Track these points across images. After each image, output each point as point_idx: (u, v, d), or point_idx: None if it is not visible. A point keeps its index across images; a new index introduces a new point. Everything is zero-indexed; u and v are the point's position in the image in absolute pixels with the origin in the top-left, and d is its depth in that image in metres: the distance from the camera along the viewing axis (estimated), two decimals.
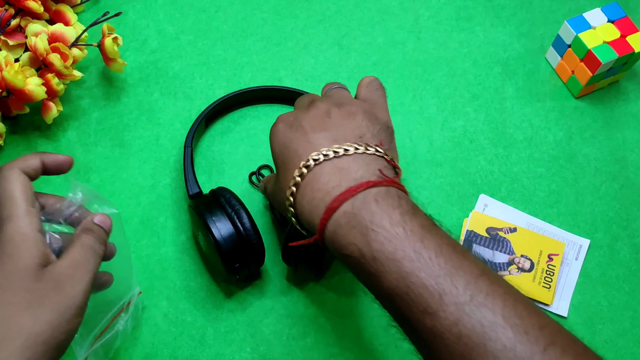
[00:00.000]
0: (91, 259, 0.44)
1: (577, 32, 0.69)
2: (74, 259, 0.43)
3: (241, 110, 0.70)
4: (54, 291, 0.41)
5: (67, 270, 0.42)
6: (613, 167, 0.69)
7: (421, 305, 0.37)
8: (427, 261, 0.38)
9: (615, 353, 0.60)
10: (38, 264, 0.41)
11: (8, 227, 0.42)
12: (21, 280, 0.40)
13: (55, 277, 0.41)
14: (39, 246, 0.42)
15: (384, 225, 0.39)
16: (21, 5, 0.66)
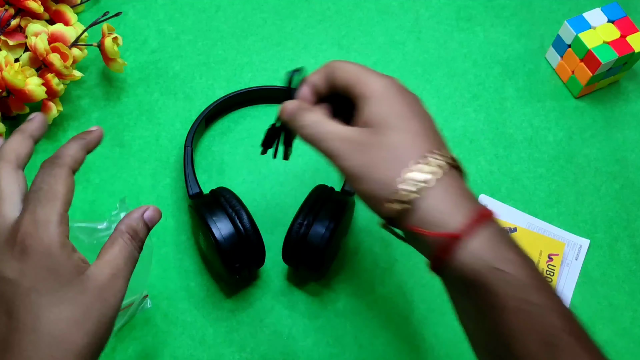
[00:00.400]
0: (130, 266, 0.41)
1: (577, 32, 0.69)
2: (114, 267, 0.40)
3: (241, 110, 0.70)
4: (99, 303, 0.39)
5: (108, 279, 0.39)
6: (613, 167, 0.69)
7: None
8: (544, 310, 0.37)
9: (615, 353, 0.60)
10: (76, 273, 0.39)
11: (43, 234, 0.38)
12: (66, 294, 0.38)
13: (97, 287, 0.39)
14: (73, 255, 0.39)
15: (507, 263, 0.38)
16: (21, 5, 0.66)
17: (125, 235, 0.42)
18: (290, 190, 0.66)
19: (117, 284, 0.40)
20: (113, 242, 0.41)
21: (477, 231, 0.38)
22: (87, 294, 0.38)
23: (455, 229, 0.38)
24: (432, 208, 0.38)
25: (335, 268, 0.63)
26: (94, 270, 0.39)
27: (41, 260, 0.38)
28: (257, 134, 0.69)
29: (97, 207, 0.64)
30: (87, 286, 0.39)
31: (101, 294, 0.39)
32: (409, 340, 0.60)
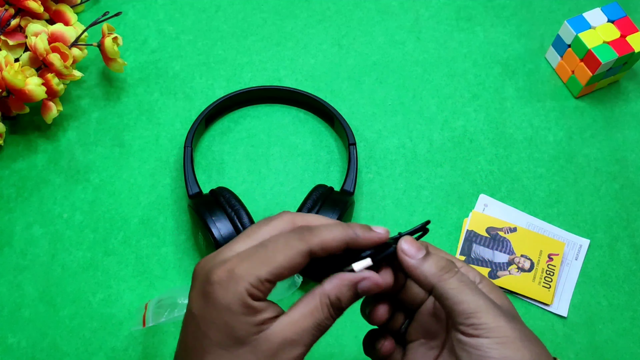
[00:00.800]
0: (317, 335, 0.37)
1: (577, 32, 0.69)
2: (297, 330, 0.36)
3: (241, 110, 0.70)
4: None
5: (286, 344, 0.36)
6: (613, 167, 0.69)
7: None
8: None
9: (615, 353, 0.60)
10: (253, 332, 0.36)
11: (231, 287, 0.36)
12: (235, 350, 0.36)
13: (271, 349, 0.36)
14: (256, 315, 0.36)
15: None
16: (21, 5, 0.66)
17: (325, 299, 0.37)
18: (290, 190, 0.66)
19: (294, 351, 0.36)
20: (308, 300, 0.37)
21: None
22: (257, 355, 0.36)
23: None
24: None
25: None
26: (274, 330, 0.36)
27: (219, 311, 0.36)
28: (257, 134, 0.69)
29: (97, 207, 0.65)
30: (261, 347, 0.36)
31: (273, 358, 0.36)
32: None
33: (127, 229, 0.64)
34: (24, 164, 0.66)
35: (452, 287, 0.38)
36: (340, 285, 0.37)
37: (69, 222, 0.64)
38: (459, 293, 0.38)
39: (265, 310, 0.37)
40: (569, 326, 0.61)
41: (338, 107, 0.69)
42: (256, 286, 0.36)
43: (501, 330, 0.37)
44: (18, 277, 0.61)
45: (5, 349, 0.58)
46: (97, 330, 0.59)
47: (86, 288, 0.61)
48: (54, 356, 0.58)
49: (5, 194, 0.65)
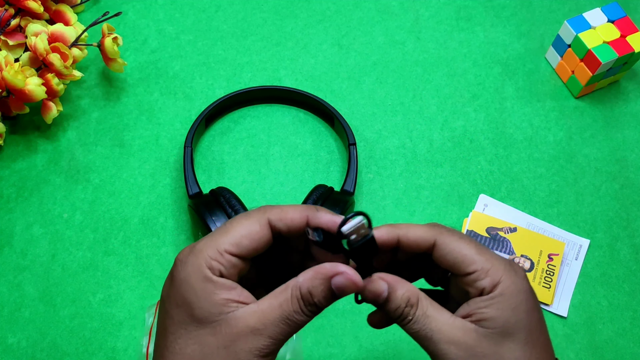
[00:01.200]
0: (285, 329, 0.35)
1: (577, 32, 0.69)
2: (262, 320, 0.35)
3: (241, 110, 0.70)
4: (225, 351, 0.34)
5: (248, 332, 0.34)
6: (613, 167, 0.69)
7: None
8: None
9: (615, 353, 0.60)
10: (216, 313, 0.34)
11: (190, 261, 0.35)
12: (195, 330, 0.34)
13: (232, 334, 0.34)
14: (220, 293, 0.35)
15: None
16: (21, 5, 0.66)
17: (296, 292, 0.35)
18: (290, 190, 0.66)
19: (257, 341, 0.34)
20: (280, 291, 0.36)
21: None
22: (217, 337, 0.34)
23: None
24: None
25: None
26: (239, 315, 0.35)
27: (179, 288, 0.35)
28: (257, 134, 0.69)
29: (97, 207, 0.65)
30: (221, 330, 0.34)
31: (233, 344, 0.34)
32: (409, 340, 0.60)
33: (127, 229, 0.64)
34: (24, 164, 0.66)
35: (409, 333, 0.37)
36: (313, 278, 0.35)
37: (69, 222, 0.64)
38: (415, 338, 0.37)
39: (230, 289, 0.35)
40: (569, 326, 0.61)
41: (338, 107, 0.69)
42: (215, 258, 0.35)
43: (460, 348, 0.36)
44: (18, 277, 0.61)
45: (5, 349, 0.58)
46: (97, 330, 0.59)
47: (86, 288, 0.61)
48: (54, 356, 0.58)
49: (5, 194, 0.65)
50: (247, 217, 0.37)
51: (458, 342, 0.36)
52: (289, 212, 0.37)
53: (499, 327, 0.36)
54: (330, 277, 0.35)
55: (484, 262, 0.37)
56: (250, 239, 0.36)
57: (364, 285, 0.37)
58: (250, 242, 0.36)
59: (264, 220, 0.37)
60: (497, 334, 0.36)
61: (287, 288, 0.35)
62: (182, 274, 0.35)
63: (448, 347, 0.36)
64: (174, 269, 0.36)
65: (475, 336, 0.36)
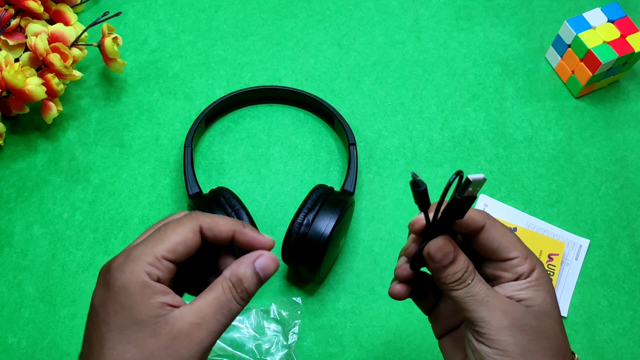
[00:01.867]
0: (221, 319, 0.37)
1: (577, 32, 0.69)
2: (200, 314, 0.36)
3: (241, 110, 0.70)
4: (166, 351, 0.35)
5: (188, 327, 0.36)
6: (613, 167, 0.69)
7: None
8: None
9: (615, 353, 0.60)
10: (154, 315, 0.35)
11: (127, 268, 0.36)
12: (134, 334, 0.35)
13: (172, 333, 0.35)
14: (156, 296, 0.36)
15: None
16: (21, 5, 0.66)
17: (226, 283, 0.37)
18: (290, 190, 0.66)
19: (196, 335, 0.36)
20: (211, 288, 0.37)
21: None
22: (157, 339, 0.35)
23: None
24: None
25: (335, 268, 0.63)
26: (177, 315, 0.36)
27: (117, 295, 0.36)
28: (257, 134, 0.69)
29: (97, 207, 0.65)
30: (160, 331, 0.35)
31: (174, 342, 0.35)
32: (409, 340, 0.60)
33: (127, 229, 0.64)
34: (24, 164, 0.66)
35: (459, 297, 0.40)
36: (239, 265, 0.38)
37: (69, 222, 0.64)
38: (464, 303, 0.40)
39: (166, 294, 0.36)
40: (569, 326, 0.61)
41: (338, 107, 0.69)
42: (153, 264, 0.36)
43: (502, 344, 0.38)
44: (18, 277, 0.61)
45: (5, 349, 0.58)
46: None
47: (86, 288, 0.61)
48: (54, 356, 0.58)
49: (5, 194, 0.65)
50: (181, 224, 0.38)
51: (506, 311, 0.39)
52: (219, 223, 0.39)
53: (538, 305, 0.40)
54: (253, 261, 0.38)
55: (523, 250, 0.41)
56: (184, 246, 0.38)
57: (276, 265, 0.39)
58: (184, 249, 0.38)
59: (196, 227, 0.38)
60: (538, 311, 0.39)
61: (217, 283, 0.38)
62: (120, 281, 0.36)
63: (496, 313, 0.39)
64: (109, 275, 0.36)
65: (521, 310, 0.39)
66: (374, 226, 0.65)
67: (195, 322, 0.36)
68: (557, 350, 0.40)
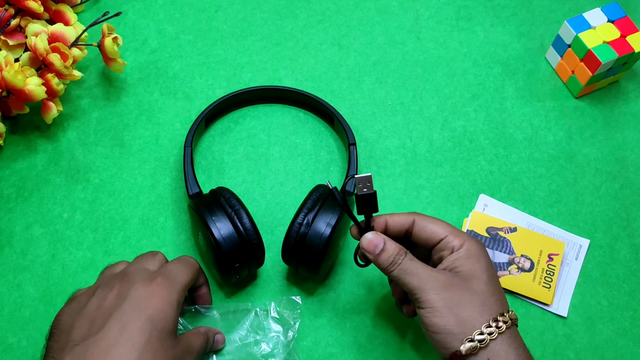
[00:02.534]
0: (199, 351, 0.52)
1: (577, 32, 0.69)
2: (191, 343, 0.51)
3: (241, 110, 0.71)
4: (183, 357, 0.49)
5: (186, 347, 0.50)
6: (613, 167, 0.69)
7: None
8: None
9: (615, 353, 0.60)
10: (174, 331, 0.48)
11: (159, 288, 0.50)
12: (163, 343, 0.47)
13: (183, 346, 0.49)
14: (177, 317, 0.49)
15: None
16: (21, 5, 0.66)
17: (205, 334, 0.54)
18: (290, 190, 0.66)
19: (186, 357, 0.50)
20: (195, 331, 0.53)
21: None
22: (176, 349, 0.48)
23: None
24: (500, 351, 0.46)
25: (335, 268, 0.63)
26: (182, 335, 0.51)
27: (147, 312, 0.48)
28: (257, 134, 0.69)
29: (97, 207, 0.65)
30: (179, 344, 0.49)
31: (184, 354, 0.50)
32: (409, 340, 0.60)
33: (127, 229, 0.64)
34: (24, 164, 0.66)
35: (395, 276, 0.49)
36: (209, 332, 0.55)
37: (69, 222, 0.64)
38: (400, 279, 0.49)
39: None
40: (569, 326, 0.61)
41: (338, 107, 0.69)
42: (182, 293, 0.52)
43: (429, 302, 0.47)
44: (18, 277, 0.61)
45: (5, 349, 0.58)
46: None
47: None
48: None
49: (5, 194, 0.65)
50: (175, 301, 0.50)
51: (437, 277, 0.48)
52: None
53: (466, 270, 0.48)
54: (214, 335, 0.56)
55: (452, 231, 0.50)
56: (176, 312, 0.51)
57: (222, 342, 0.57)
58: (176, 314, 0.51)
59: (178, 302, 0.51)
60: (465, 275, 0.48)
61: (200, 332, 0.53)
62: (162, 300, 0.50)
63: (428, 281, 0.47)
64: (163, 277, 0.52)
65: (450, 275, 0.48)
66: None
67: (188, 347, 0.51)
68: (482, 303, 0.47)
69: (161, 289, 0.49)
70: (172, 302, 0.49)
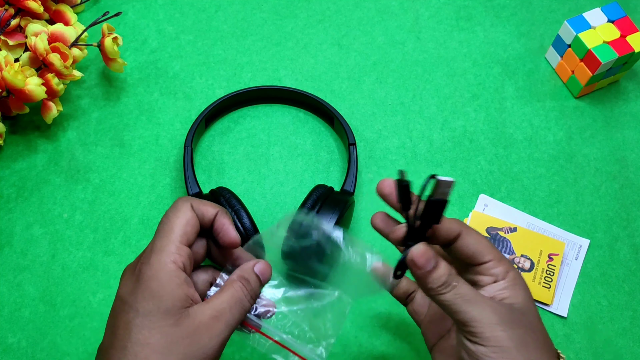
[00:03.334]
0: (236, 313, 0.41)
1: (577, 32, 0.69)
2: (218, 309, 0.41)
3: (241, 110, 0.71)
4: (188, 340, 0.39)
5: (207, 320, 0.40)
6: (613, 167, 0.69)
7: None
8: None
9: (615, 353, 0.60)
10: (179, 306, 0.39)
11: (154, 260, 0.40)
12: (159, 321, 0.39)
13: (194, 324, 0.39)
14: (182, 287, 0.40)
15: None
16: (21, 5, 0.66)
17: (237, 283, 0.43)
18: (290, 190, 0.66)
19: (215, 326, 0.40)
20: (224, 288, 0.42)
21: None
22: (180, 327, 0.39)
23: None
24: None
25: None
26: (196, 309, 0.40)
27: (148, 283, 0.39)
28: (257, 134, 0.69)
29: (97, 207, 0.65)
30: (183, 321, 0.39)
31: (195, 333, 0.39)
32: (409, 340, 0.60)
33: (127, 229, 0.64)
34: (24, 164, 0.66)
35: (448, 301, 0.41)
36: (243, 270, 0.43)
37: (69, 222, 0.64)
38: (454, 305, 0.41)
39: (190, 286, 0.41)
40: (569, 326, 0.61)
41: (338, 107, 0.69)
42: (176, 251, 0.41)
43: (497, 340, 0.39)
44: (18, 277, 0.61)
45: (5, 349, 0.58)
46: (97, 330, 0.59)
47: (86, 288, 0.61)
48: (54, 356, 0.58)
49: (5, 194, 0.65)
50: (177, 209, 0.43)
51: (499, 311, 0.40)
52: (205, 205, 0.44)
53: (519, 302, 0.41)
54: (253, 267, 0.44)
55: (497, 254, 0.43)
56: (190, 225, 0.42)
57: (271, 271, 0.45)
58: (191, 228, 0.42)
59: (189, 206, 0.43)
60: (521, 308, 0.41)
61: (228, 283, 0.43)
62: (150, 271, 0.40)
63: (486, 311, 0.40)
64: (138, 269, 0.41)
65: (507, 307, 0.41)
66: None
67: (214, 315, 0.40)
68: (545, 344, 0.41)
69: None
70: None
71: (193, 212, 0.43)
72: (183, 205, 0.43)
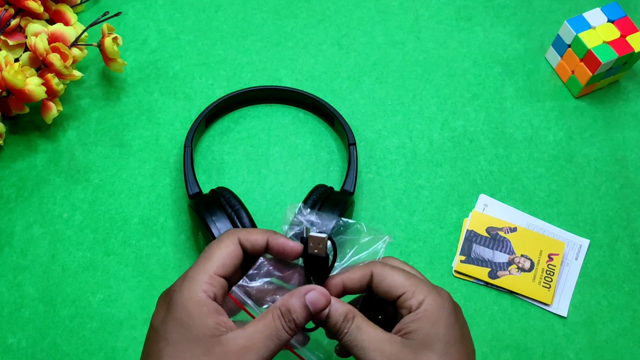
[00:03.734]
0: (271, 345, 0.39)
1: (577, 32, 0.69)
2: (250, 338, 0.39)
3: (241, 110, 0.71)
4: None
5: (238, 349, 0.38)
6: (613, 167, 0.69)
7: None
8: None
9: (615, 353, 0.60)
10: (209, 335, 0.39)
11: (185, 288, 0.40)
12: (188, 350, 0.38)
13: (224, 352, 0.38)
14: (212, 316, 0.39)
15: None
16: (21, 5, 0.66)
17: (276, 312, 0.40)
18: (290, 190, 0.66)
19: (246, 358, 0.38)
20: (263, 315, 0.41)
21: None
22: (210, 357, 0.38)
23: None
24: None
25: None
26: (229, 337, 0.39)
27: (177, 313, 0.39)
28: (257, 134, 0.69)
29: (97, 207, 0.65)
30: (214, 350, 0.38)
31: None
32: None
33: (127, 229, 0.64)
34: (24, 164, 0.66)
35: (345, 344, 0.42)
36: (291, 296, 0.41)
37: (69, 222, 0.64)
38: (349, 349, 0.42)
39: (221, 314, 0.40)
40: (569, 326, 0.61)
41: (338, 107, 0.69)
42: (208, 282, 0.40)
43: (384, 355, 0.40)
44: (18, 277, 0.61)
45: (5, 349, 0.58)
46: (97, 330, 0.59)
47: (86, 288, 0.61)
48: (54, 356, 0.58)
49: (5, 194, 0.65)
50: (221, 241, 0.42)
51: (383, 350, 0.40)
52: (254, 232, 0.43)
53: (419, 338, 0.41)
54: (304, 294, 0.41)
55: (410, 286, 0.42)
56: (231, 258, 0.42)
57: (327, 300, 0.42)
58: (231, 261, 0.42)
59: (235, 240, 0.42)
60: (417, 344, 0.41)
61: (268, 311, 0.41)
62: (180, 300, 0.40)
63: (374, 354, 0.40)
64: (170, 297, 0.40)
65: (400, 346, 0.41)
66: (373, 226, 0.65)
67: (245, 345, 0.39)
68: None
69: None
70: None
71: (237, 246, 0.42)
72: (228, 237, 0.42)
